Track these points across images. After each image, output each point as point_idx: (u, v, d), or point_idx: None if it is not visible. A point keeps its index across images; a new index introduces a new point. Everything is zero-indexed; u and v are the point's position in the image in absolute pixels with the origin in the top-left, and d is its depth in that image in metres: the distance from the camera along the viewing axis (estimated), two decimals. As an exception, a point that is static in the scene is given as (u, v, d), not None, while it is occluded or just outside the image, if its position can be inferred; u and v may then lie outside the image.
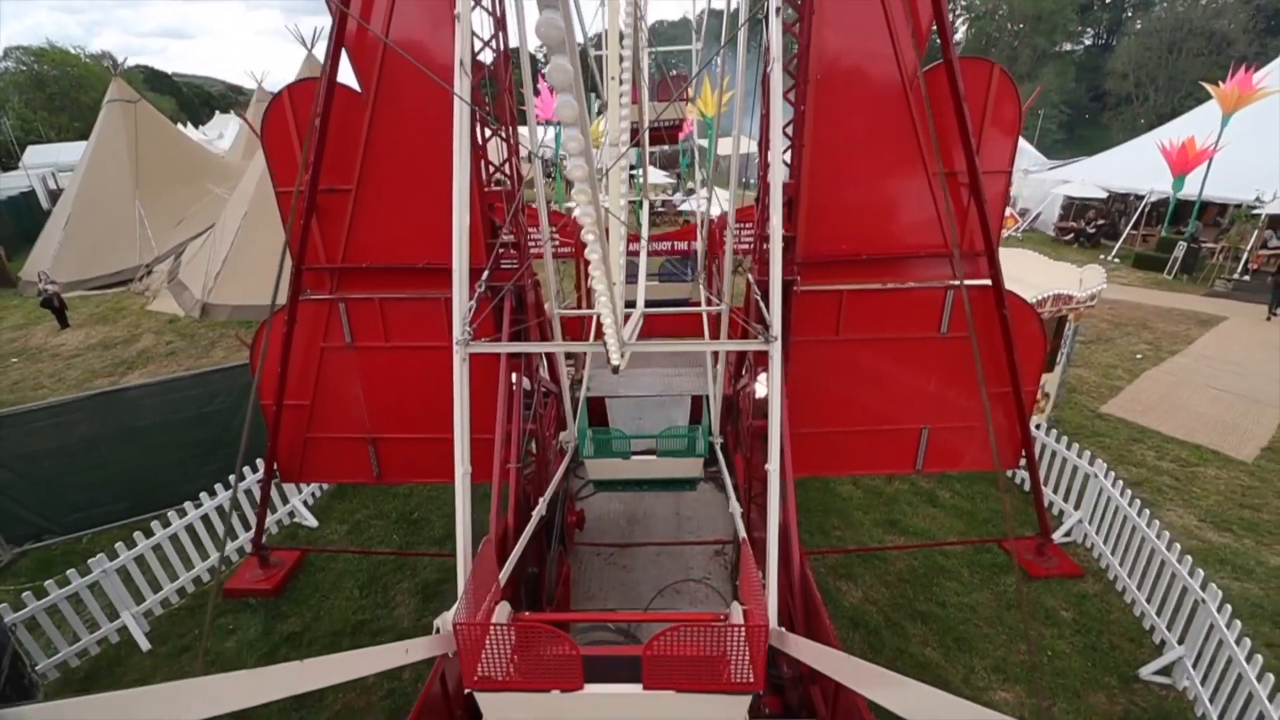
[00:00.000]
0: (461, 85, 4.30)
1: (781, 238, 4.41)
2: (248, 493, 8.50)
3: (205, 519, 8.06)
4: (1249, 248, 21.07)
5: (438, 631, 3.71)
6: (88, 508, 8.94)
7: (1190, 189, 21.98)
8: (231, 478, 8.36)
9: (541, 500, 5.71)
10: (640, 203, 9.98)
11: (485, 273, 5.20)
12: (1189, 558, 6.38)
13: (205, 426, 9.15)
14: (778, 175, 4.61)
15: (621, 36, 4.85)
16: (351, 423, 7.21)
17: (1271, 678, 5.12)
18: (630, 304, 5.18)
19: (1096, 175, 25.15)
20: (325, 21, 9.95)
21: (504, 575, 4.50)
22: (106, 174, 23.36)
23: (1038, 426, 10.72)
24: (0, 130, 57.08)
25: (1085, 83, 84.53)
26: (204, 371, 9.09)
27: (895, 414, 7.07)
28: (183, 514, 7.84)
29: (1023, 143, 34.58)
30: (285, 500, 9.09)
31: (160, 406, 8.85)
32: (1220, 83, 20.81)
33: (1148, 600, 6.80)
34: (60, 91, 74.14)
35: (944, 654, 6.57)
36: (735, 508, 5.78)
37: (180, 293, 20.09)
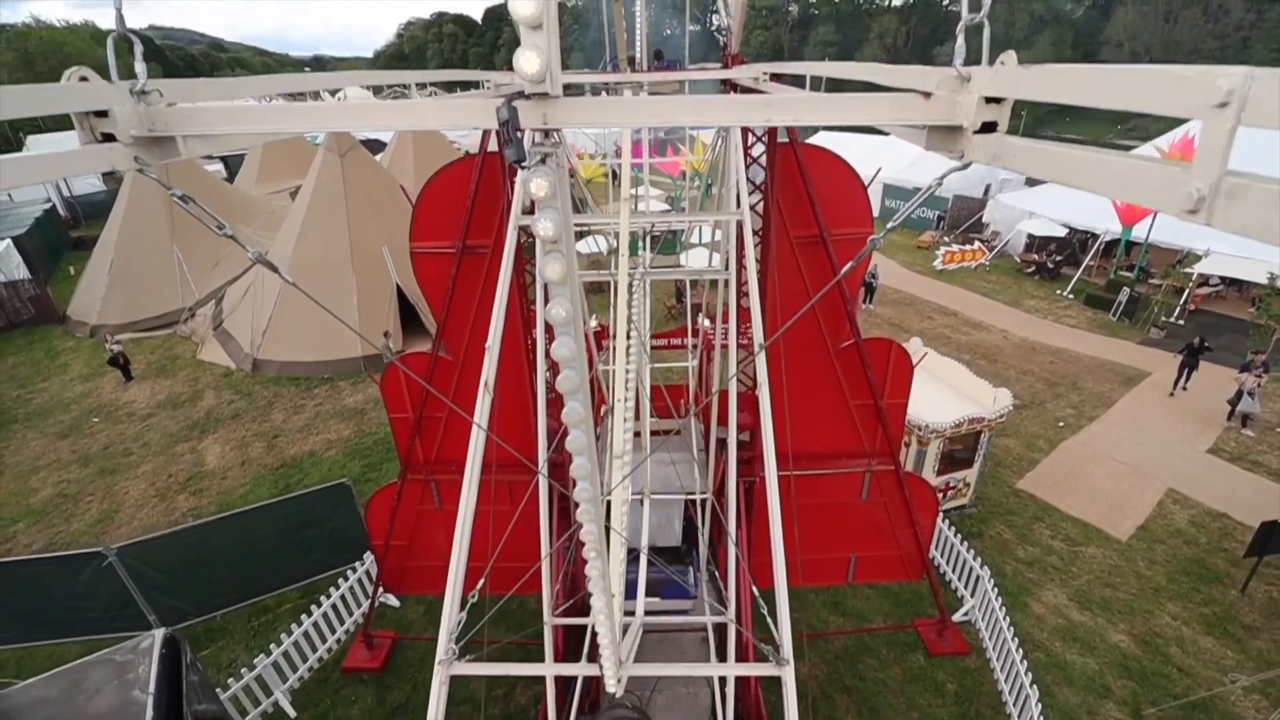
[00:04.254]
0: (481, 411, 4.56)
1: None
2: (350, 590, 11.24)
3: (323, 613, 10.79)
4: (1188, 289, 23.57)
5: None
6: (219, 593, 11.67)
7: (1139, 231, 24.38)
8: (342, 582, 11.11)
9: None
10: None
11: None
12: (1025, 662, 9.15)
13: (306, 530, 11.80)
14: (772, 470, 5.09)
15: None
16: (438, 553, 9.82)
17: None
18: (629, 614, 5.06)
19: (1059, 211, 27.32)
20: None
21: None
22: (142, 218, 25.21)
23: (961, 507, 13.55)
24: None
25: (1081, 50, 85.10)
26: (302, 494, 11.68)
27: (831, 548, 9.74)
28: (308, 611, 10.51)
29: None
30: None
31: (273, 519, 11.47)
32: (1159, 145, 22.93)
33: (1005, 680, 9.64)
34: (49, 70, 73.98)
35: (859, 721, 9.43)
36: None
37: (227, 342, 22.39)
